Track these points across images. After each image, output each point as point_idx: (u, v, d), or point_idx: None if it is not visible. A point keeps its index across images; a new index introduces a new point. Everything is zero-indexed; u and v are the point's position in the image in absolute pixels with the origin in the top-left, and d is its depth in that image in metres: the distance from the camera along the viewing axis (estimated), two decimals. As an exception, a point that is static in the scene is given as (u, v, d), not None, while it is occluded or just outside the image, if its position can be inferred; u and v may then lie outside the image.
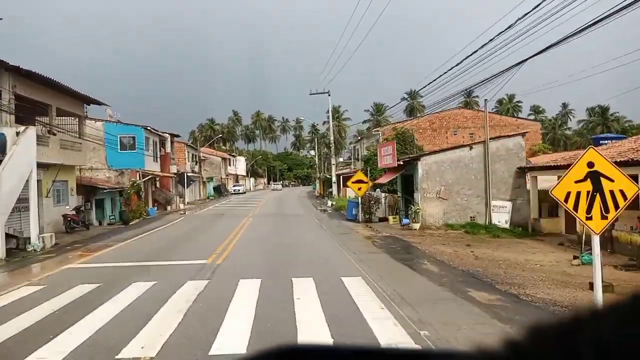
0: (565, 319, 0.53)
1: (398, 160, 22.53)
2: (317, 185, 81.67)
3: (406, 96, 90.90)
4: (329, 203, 41.91)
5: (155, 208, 39.65)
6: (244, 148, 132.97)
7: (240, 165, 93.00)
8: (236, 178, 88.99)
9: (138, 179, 34.93)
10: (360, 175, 29.99)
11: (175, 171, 43.80)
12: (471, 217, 22.41)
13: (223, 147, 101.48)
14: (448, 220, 22.34)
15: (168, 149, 43.69)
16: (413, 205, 22.21)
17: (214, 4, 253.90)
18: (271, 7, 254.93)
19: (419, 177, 22.35)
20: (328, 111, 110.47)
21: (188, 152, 54.37)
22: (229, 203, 49.00)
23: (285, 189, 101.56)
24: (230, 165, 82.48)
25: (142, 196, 34.24)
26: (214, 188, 68.78)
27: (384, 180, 28.05)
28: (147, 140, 38.04)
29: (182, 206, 42.54)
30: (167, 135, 43.15)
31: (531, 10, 12.45)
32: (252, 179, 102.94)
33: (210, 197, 65.21)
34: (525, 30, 13.40)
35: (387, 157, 24.13)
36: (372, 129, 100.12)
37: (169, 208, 40.65)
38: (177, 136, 46.19)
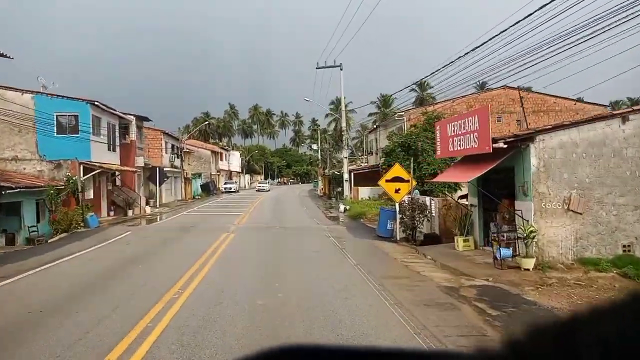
0: (565, 318, 0.53)
1: (495, 142, 11.96)
2: (320, 183, 71.26)
3: (415, 87, 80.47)
4: (341, 207, 31.47)
5: (110, 212, 29.08)
6: (241, 144, 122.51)
7: (234, 161, 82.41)
8: (229, 175, 78.40)
9: (79, 173, 24.41)
10: (398, 171, 19.53)
11: (143, 164, 33.19)
12: (624, 246, 11.96)
13: (220, 143, 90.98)
14: (583, 252, 11.86)
15: (133, 136, 33.08)
16: (524, 226, 11.63)
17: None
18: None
19: (531, 173, 11.86)
20: (337, 101, 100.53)
21: (166, 142, 43.76)
22: (214, 205, 38.43)
23: (283, 187, 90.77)
24: (222, 160, 71.88)
25: (80, 198, 23.58)
26: (201, 186, 58.20)
27: (452, 177, 17.53)
28: (98, 122, 27.47)
29: (148, 210, 32.01)
30: (131, 117, 32.54)
31: None
32: (247, 176, 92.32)
33: (197, 197, 54.67)
34: None
35: (464, 139, 13.54)
36: (380, 121, 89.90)
37: (130, 212, 30.11)
38: (146, 119, 35.52)
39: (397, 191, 19.16)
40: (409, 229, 18.65)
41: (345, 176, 35.34)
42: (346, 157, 35.78)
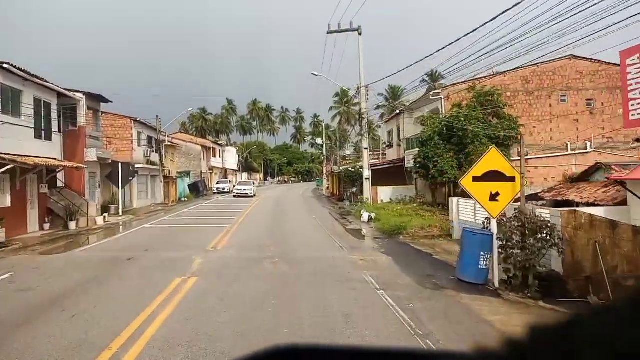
0: (565, 319, 0.53)
1: None
2: (325, 181, 62.36)
3: (426, 78, 71.54)
4: (364, 215, 22.56)
5: (44, 225, 20.19)
6: (240, 141, 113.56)
7: (230, 158, 73.47)
8: (224, 173, 69.50)
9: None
10: (495, 161, 10.67)
11: (96, 159, 24.23)
12: None
13: (219, 141, 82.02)
14: None
15: (83, 121, 24.14)
16: None
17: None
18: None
19: None
20: (342, 93, 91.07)
21: (140, 132, 34.82)
22: (196, 211, 29.45)
23: (283, 187, 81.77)
24: (215, 156, 62.95)
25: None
26: (189, 186, 49.30)
27: None
28: (16, 96, 18.58)
29: (100, 221, 23.00)
30: (78, 95, 23.61)
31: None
32: (245, 175, 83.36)
33: (183, 199, 45.80)
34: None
35: None
36: (387, 116, 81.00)
37: (73, 225, 21.21)
38: (102, 100, 26.43)
39: (494, 197, 10.37)
40: (518, 268, 9.83)
41: (366, 173, 26.45)
42: (366, 148, 26.88)
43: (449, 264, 11.82)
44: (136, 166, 32.73)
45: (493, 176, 10.40)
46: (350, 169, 32.74)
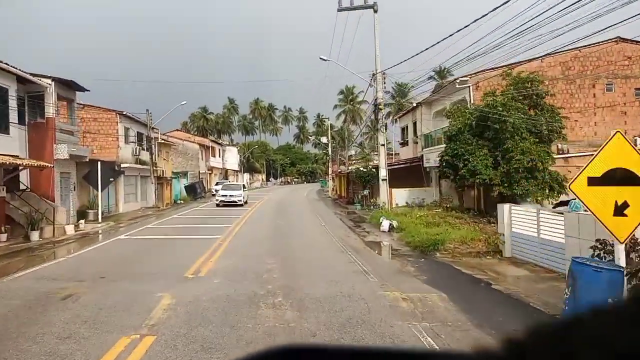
0: (565, 319, 0.54)
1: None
2: (330, 182, 58.59)
3: (434, 74, 67.60)
4: (384, 224, 18.63)
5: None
6: (242, 141, 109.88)
7: (231, 158, 69.74)
8: (225, 174, 65.76)
9: None
10: (623, 153, 6.67)
11: (67, 156, 20.41)
12: None
13: (219, 141, 78.11)
14: None
15: (52, 112, 20.38)
16: None
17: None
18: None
19: None
20: (347, 91, 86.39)
21: (127, 128, 31.06)
22: (186, 218, 25.57)
23: (286, 188, 77.99)
24: (214, 156, 59.19)
25: None
26: (186, 187, 45.58)
27: None
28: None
29: (70, 230, 19.14)
30: (45, 82, 19.83)
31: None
32: (246, 175, 79.60)
33: (179, 201, 42.08)
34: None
35: None
36: (394, 114, 77.04)
37: (35, 235, 17.46)
38: (77, 87, 22.47)
39: (620, 210, 6.51)
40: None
41: (383, 173, 22.62)
42: (384, 145, 23.04)
43: (531, 306, 7.99)
44: (122, 165, 29.00)
45: (619, 177, 6.58)
46: (361, 168, 28.96)
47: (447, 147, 21.08)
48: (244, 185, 38.27)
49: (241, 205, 31.40)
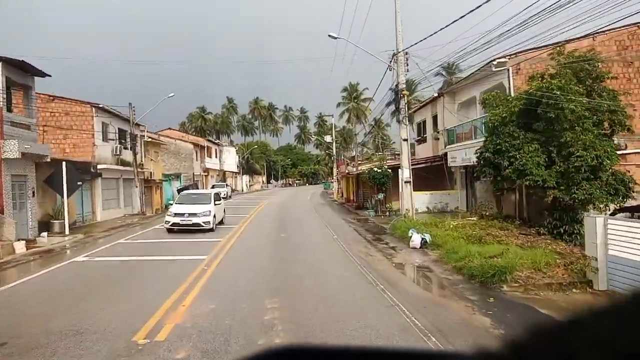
0: (565, 319, 0.53)
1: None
2: (335, 184, 54.61)
3: (441, 71, 63.50)
4: (416, 238, 14.52)
5: None
6: (241, 142, 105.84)
7: (229, 159, 65.71)
8: (222, 176, 61.73)
9: None
10: None
11: (19, 154, 16.35)
12: None
13: (216, 141, 73.75)
14: None
15: None
16: None
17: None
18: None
19: None
20: (351, 88, 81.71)
21: (106, 124, 27.04)
22: (164, 230, 21.48)
23: (288, 190, 73.95)
24: (210, 156, 55.17)
25: None
26: (179, 191, 41.52)
27: None
28: None
29: (20, 248, 15.07)
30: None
31: None
32: (245, 177, 75.61)
33: (170, 205, 38.05)
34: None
35: None
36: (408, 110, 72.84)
37: (-31, 257, 13.40)
38: (36, 72, 18.24)
39: None
40: None
41: (406, 174, 18.56)
42: (406, 140, 19.02)
43: None
44: (99, 167, 25.01)
45: None
46: (375, 169, 24.92)
47: (487, 141, 17.06)
48: (218, 195, 23.63)
49: (210, 230, 19.00)
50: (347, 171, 35.53)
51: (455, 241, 13.89)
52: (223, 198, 46.94)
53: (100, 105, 25.40)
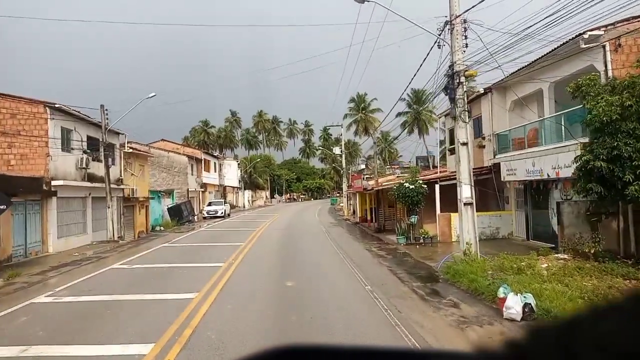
0: (566, 319, 0.53)
1: None
2: (345, 201, 48.79)
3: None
4: (513, 303, 8.56)
5: None
6: (244, 156, 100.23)
7: (230, 173, 59.85)
8: (223, 191, 55.82)
9: None
10: None
11: None
12: None
13: (215, 154, 67.72)
14: None
15: None
16: None
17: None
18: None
19: None
20: (358, 98, 75.56)
21: (69, 130, 21.21)
22: (124, 271, 15.28)
23: (293, 206, 67.86)
24: (209, 170, 49.31)
25: None
26: (169, 210, 35.67)
27: None
28: None
29: None
30: None
31: None
32: (248, 193, 69.70)
33: (158, 228, 32.19)
34: None
35: None
36: (412, 121, 66.88)
37: None
38: None
39: None
40: None
41: (466, 192, 12.59)
42: (466, 144, 13.06)
43: None
44: (55, 183, 19.17)
45: None
46: (407, 184, 18.95)
47: (595, 144, 11.11)
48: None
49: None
50: (362, 186, 29.54)
51: (574, 304, 8.04)
52: (220, 217, 41.12)
53: (57, 105, 19.59)
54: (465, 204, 12.90)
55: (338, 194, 78.72)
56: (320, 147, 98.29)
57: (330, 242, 21.44)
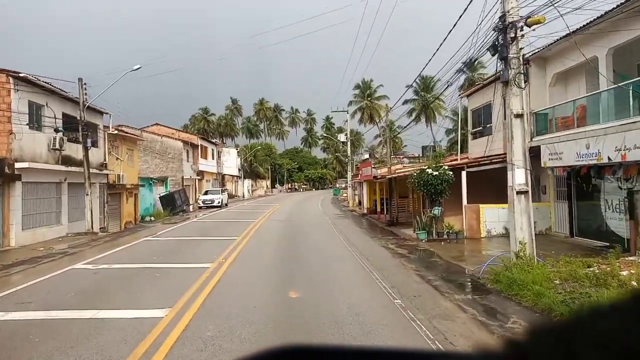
0: (566, 319, 0.54)
1: None
2: (348, 191, 46.09)
3: (464, 67, 54.43)
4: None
5: None
6: (245, 145, 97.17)
7: (229, 161, 56.95)
8: (221, 180, 53.02)
9: None
10: None
11: None
12: None
13: (213, 140, 64.72)
14: None
15: None
16: None
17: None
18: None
19: None
20: (364, 84, 72.53)
21: (39, 106, 18.32)
22: (84, 274, 12.64)
23: (294, 196, 65.04)
24: (206, 157, 46.43)
25: None
26: (161, 199, 32.90)
27: None
28: None
29: None
30: None
31: None
32: (248, 182, 66.87)
33: (148, 218, 29.44)
34: None
35: None
36: (420, 108, 63.73)
37: None
38: None
39: None
40: None
41: (520, 178, 9.82)
42: (520, 115, 10.19)
43: None
44: (19, 165, 16.37)
45: None
46: (429, 170, 16.10)
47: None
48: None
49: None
50: (372, 175, 26.66)
51: None
52: (217, 207, 38.34)
53: (23, 75, 16.64)
54: (518, 193, 10.04)
55: (337, 185, 75.87)
56: (324, 135, 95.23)
57: (339, 236, 18.62)
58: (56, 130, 18.44)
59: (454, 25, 12.44)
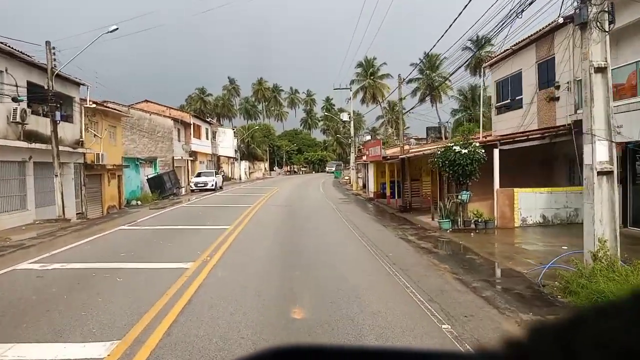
0: (566, 318, 0.52)
1: None
2: (351, 173, 43.66)
3: (470, 45, 51.23)
4: None
5: None
6: (242, 125, 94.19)
7: (225, 142, 54.20)
8: (216, 161, 50.40)
9: None
10: None
11: None
12: None
13: (208, 119, 61.70)
14: None
15: None
16: None
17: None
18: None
19: None
20: (366, 62, 69.11)
21: (-3, 71, 15.63)
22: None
23: (294, 179, 62.45)
24: (200, 137, 43.66)
25: None
26: (149, 181, 30.34)
27: None
28: None
29: None
30: None
31: None
32: (244, 164, 64.24)
33: (134, 202, 26.91)
34: None
35: None
36: (425, 88, 61.12)
37: None
38: None
39: None
40: None
41: (602, 155, 7.34)
42: (603, 69, 7.63)
43: None
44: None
45: None
46: (457, 148, 13.54)
47: None
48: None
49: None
50: (381, 155, 24.09)
51: None
52: (211, 190, 35.84)
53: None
54: (599, 173, 7.53)
55: (332, 166, 73.19)
56: (326, 114, 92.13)
57: (347, 224, 16.13)
58: (15, 100, 15.75)
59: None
